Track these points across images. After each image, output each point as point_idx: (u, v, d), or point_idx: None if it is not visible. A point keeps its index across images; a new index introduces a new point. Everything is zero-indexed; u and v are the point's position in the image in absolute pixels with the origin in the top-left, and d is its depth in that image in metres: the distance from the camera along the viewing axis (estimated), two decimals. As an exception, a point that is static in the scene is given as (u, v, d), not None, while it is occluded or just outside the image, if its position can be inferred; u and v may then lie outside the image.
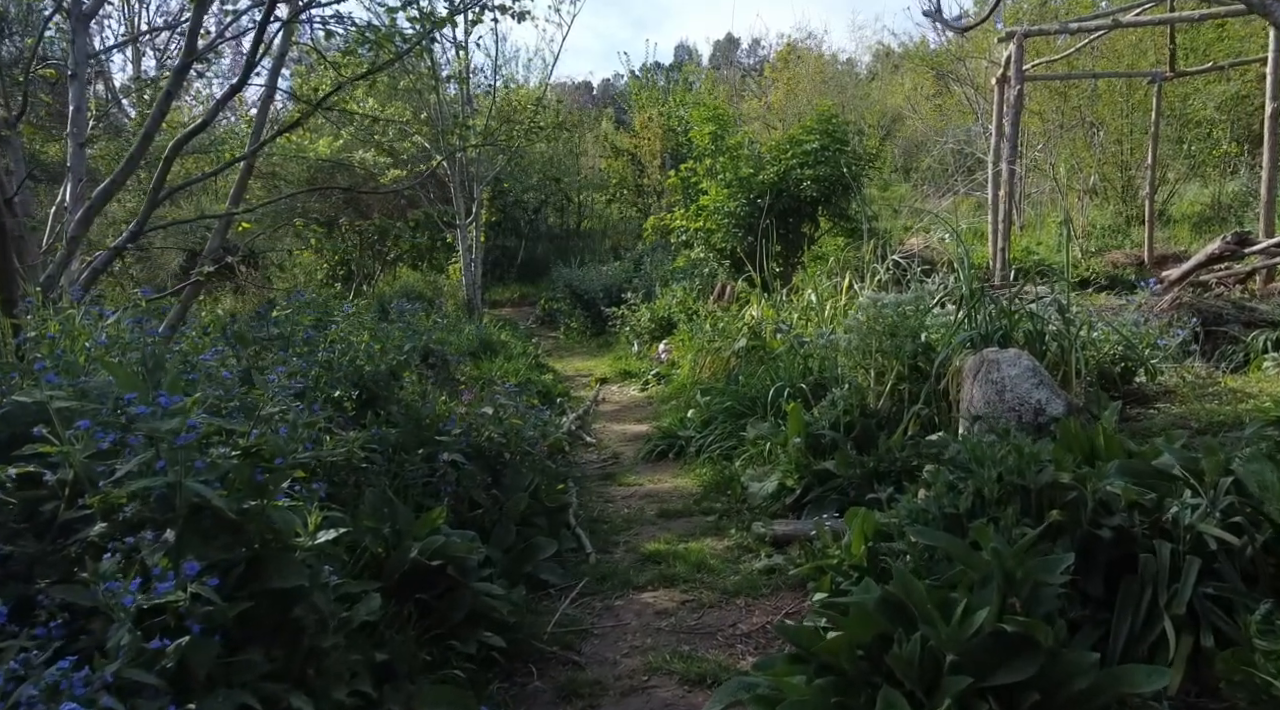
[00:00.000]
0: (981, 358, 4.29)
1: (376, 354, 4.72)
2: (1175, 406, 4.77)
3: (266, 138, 5.34)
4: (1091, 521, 2.21)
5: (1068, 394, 4.19)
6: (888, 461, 4.17)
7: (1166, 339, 5.20)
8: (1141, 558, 2.12)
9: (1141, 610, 2.05)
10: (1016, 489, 2.29)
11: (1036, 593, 1.95)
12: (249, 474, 2.18)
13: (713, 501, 5.01)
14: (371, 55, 5.73)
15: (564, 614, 3.55)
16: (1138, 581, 2.08)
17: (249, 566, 2.13)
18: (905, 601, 1.93)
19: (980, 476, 2.32)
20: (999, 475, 2.29)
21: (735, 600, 3.61)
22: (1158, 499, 2.18)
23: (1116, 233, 14.19)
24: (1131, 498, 2.20)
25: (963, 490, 2.33)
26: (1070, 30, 9.37)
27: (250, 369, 3.51)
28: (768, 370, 6.27)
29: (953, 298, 5.55)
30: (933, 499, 2.37)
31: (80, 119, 5.23)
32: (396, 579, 2.98)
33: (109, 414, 2.22)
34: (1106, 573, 2.18)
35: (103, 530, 2.02)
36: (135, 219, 4.28)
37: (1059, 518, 2.20)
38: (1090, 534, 2.20)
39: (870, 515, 2.94)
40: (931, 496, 2.38)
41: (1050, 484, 2.26)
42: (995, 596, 1.87)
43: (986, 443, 2.53)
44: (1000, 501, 2.29)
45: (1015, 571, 1.95)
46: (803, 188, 9.74)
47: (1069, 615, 2.05)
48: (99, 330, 2.59)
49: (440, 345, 7.54)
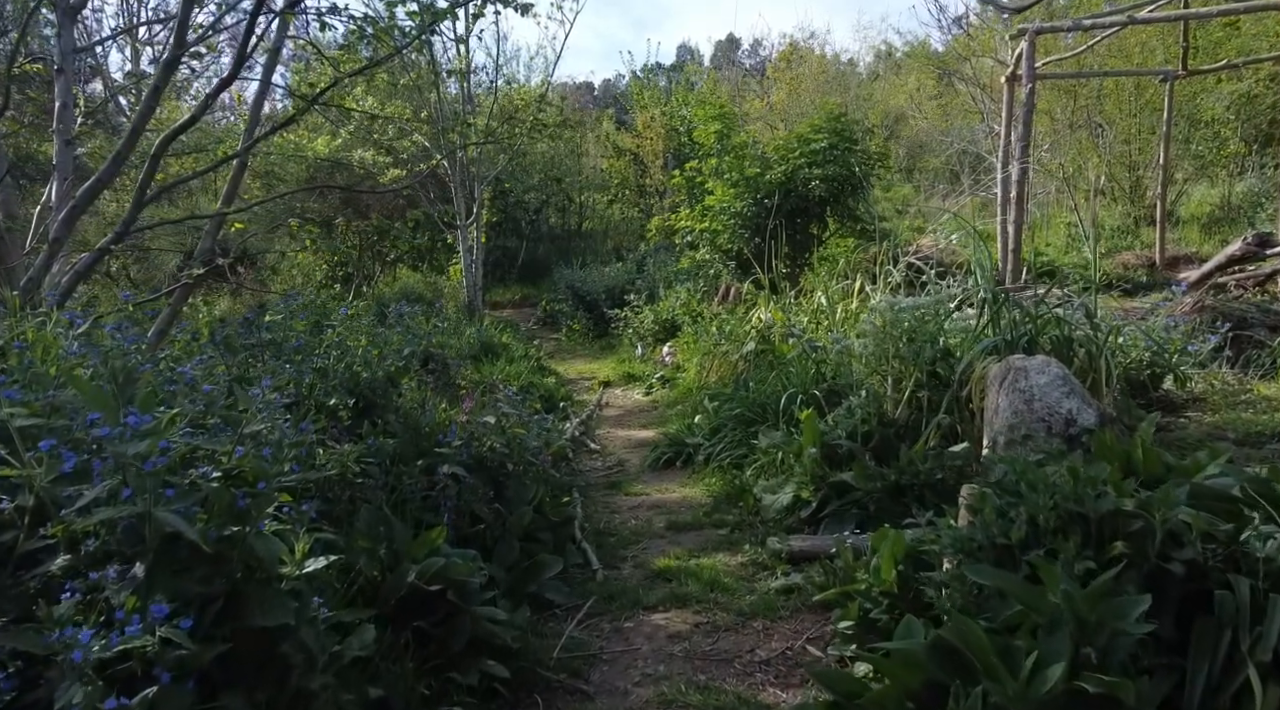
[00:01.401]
0: (1007, 365, 4.09)
1: (374, 360, 4.52)
2: (1207, 415, 4.57)
3: (260, 135, 5.14)
4: (1160, 554, 2.01)
5: (1098, 403, 4.00)
6: (910, 475, 3.97)
7: (1196, 344, 5.00)
8: (1217, 595, 1.91)
9: (1220, 655, 1.84)
10: (1074, 517, 2.09)
11: (1113, 642, 1.74)
12: (230, 499, 1.98)
13: (724, 513, 4.81)
14: (370, 51, 5.55)
15: (571, 637, 3.35)
16: (1214, 622, 1.87)
17: (229, 601, 1.93)
18: (962, 649, 1.73)
19: (1034, 502, 2.11)
20: (1055, 502, 2.08)
21: (752, 622, 3.41)
22: (1234, 529, 1.97)
23: (1125, 234, 14.01)
24: (1202, 527, 2.00)
25: (1014, 518, 2.13)
26: (1084, 27, 9.16)
27: (238, 378, 3.32)
28: (778, 376, 6.08)
29: (972, 301, 5.35)
30: (980, 527, 2.17)
31: (66, 115, 5.03)
32: (393, 605, 2.79)
33: (81, 431, 2.03)
34: (1178, 612, 1.98)
35: (65, 563, 1.82)
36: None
37: (1123, 550, 2.00)
38: (1159, 568, 2.00)
39: (900, 537, 2.74)
40: (978, 523, 2.18)
41: (1112, 512, 2.06)
42: (1067, 646, 1.68)
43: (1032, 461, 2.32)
44: (1057, 531, 2.08)
45: (1088, 616, 1.75)
46: (811, 187, 9.54)
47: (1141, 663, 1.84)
48: (69, 338, 2.38)
49: (440, 349, 7.34)
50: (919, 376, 4.77)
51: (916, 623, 2.06)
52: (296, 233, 10.28)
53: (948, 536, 2.25)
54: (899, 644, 1.90)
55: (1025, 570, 2.05)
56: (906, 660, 1.82)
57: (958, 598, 2.11)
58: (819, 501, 4.29)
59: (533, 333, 13.19)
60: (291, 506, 2.38)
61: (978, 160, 17.08)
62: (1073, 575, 1.90)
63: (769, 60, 27.05)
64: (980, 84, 17.68)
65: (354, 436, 3.79)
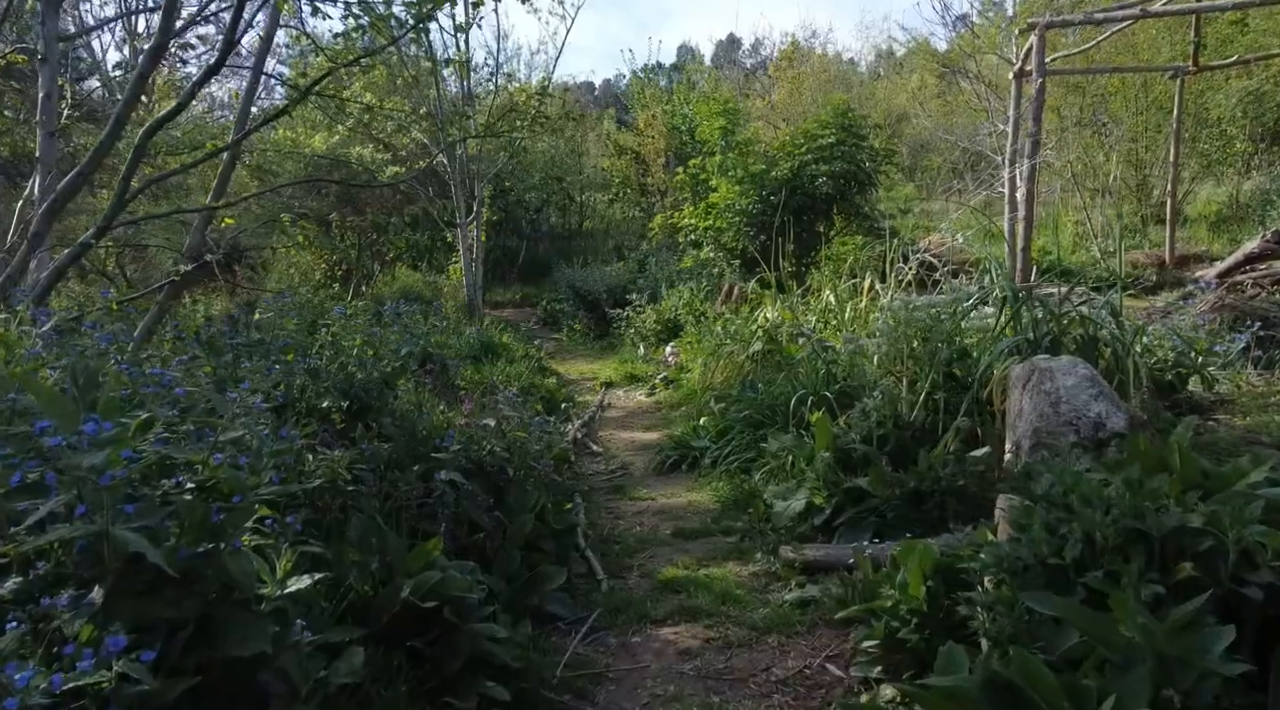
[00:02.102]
0: (1032, 366, 3.90)
1: (369, 360, 4.33)
2: (1237, 418, 4.38)
3: (251, 127, 4.96)
4: (1233, 577, 1.83)
5: (1127, 406, 3.81)
6: (930, 481, 3.78)
7: (1223, 343, 4.81)
8: (1302, 623, 1.72)
9: (1305, 691, 1.66)
10: (1135, 534, 1.90)
11: (1200, 683, 1.55)
12: (203, 514, 1.80)
13: (732, 520, 4.63)
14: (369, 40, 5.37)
15: (575, 654, 3.17)
16: (1297, 654, 1.69)
17: (200, 627, 1.75)
18: (1023, 687, 1.54)
19: (1089, 518, 1.92)
20: (1114, 517, 1.89)
21: (767, 639, 3.23)
22: (1316, 549, 1.78)
23: (1133, 233, 13.85)
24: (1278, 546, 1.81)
25: (1067, 535, 1.94)
26: (1095, 20, 8.98)
27: (223, 380, 3.13)
28: (787, 377, 5.89)
29: (988, 299, 5.16)
30: (1027, 544, 1.98)
31: (50, 106, 4.86)
32: (385, 623, 2.60)
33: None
34: (1255, 641, 1.79)
35: (16, 586, 1.64)
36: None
37: (1191, 572, 1.81)
38: (1233, 593, 1.81)
39: (929, 549, 2.56)
40: (1025, 541, 1.99)
41: (1177, 528, 1.87)
42: (1146, 687, 1.49)
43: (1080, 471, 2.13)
44: (1116, 550, 1.89)
45: (1169, 652, 1.56)
46: (818, 184, 9.36)
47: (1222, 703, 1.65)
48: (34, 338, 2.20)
49: (439, 349, 7.16)
50: (935, 377, 4.59)
51: (959, 652, 1.87)
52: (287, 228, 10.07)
53: (990, 554, 2.06)
54: (946, 681, 1.71)
55: (1081, 593, 1.86)
56: (955, 698, 1.63)
57: (1006, 625, 1.92)
58: (833, 508, 4.11)
59: (533, 333, 13.00)
60: (275, 519, 2.20)
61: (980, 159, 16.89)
62: (1140, 601, 1.71)
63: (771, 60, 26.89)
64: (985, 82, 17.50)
65: (347, 441, 3.61)
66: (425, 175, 13.32)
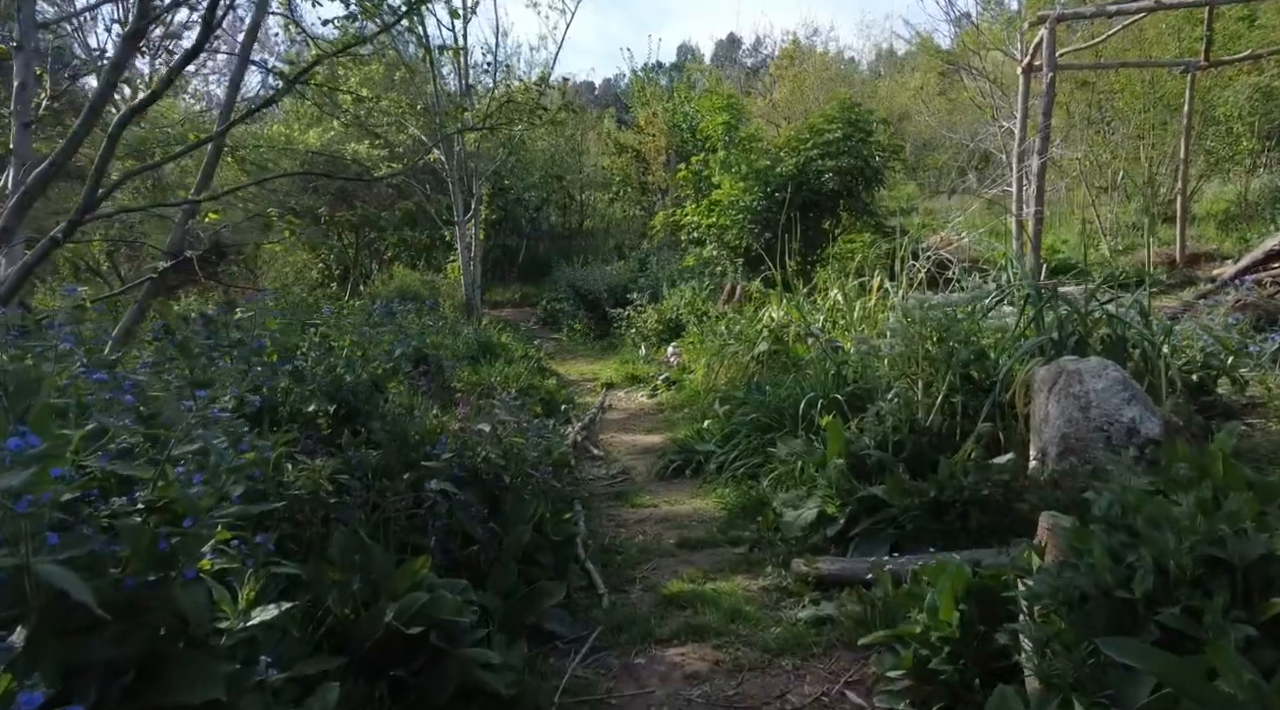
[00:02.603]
0: (1058, 368, 3.69)
1: (359, 361, 4.11)
2: (1271, 423, 4.17)
3: (236, 117, 4.74)
4: (1328, 613, 1.61)
5: (1160, 410, 3.59)
6: (951, 490, 3.56)
7: (1256, 344, 4.59)
8: None
9: None
10: (1215, 564, 1.68)
11: None
12: (150, 541, 1.58)
13: (740, 529, 4.41)
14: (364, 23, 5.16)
15: (574, 677, 2.96)
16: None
17: (144, 670, 1.53)
18: (1104, 753, 1.33)
19: (1160, 544, 1.70)
20: (1190, 544, 1.66)
21: (780, 661, 3.01)
22: None
23: (1141, 231, 13.64)
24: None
25: (1135, 564, 1.72)
26: (1108, 12, 8.76)
27: (197, 385, 2.91)
28: (795, 379, 5.68)
29: (1006, 298, 4.95)
30: (1086, 572, 1.76)
31: (25, 96, 4.64)
32: (367, 649, 2.39)
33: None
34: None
35: (-71, 627, 1.42)
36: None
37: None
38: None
39: (962, 570, 2.34)
40: (1084, 568, 1.77)
41: (1264, 557, 1.65)
42: (1256, 758, 1.29)
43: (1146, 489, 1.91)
44: (1194, 582, 1.67)
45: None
46: (824, 180, 9.14)
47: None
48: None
49: (435, 349, 6.94)
50: (952, 380, 4.38)
51: (1014, 699, 1.65)
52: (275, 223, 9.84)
53: (1043, 583, 1.83)
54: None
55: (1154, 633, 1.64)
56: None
57: (1065, 667, 1.69)
58: (847, 518, 3.89)
59: (533, 333, 12.78)
60: (242, 540, 1.98)
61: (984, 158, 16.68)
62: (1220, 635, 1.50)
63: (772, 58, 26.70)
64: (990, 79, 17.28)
65: (333, 448, 3.39)
66: (423, 172, 13.10)
